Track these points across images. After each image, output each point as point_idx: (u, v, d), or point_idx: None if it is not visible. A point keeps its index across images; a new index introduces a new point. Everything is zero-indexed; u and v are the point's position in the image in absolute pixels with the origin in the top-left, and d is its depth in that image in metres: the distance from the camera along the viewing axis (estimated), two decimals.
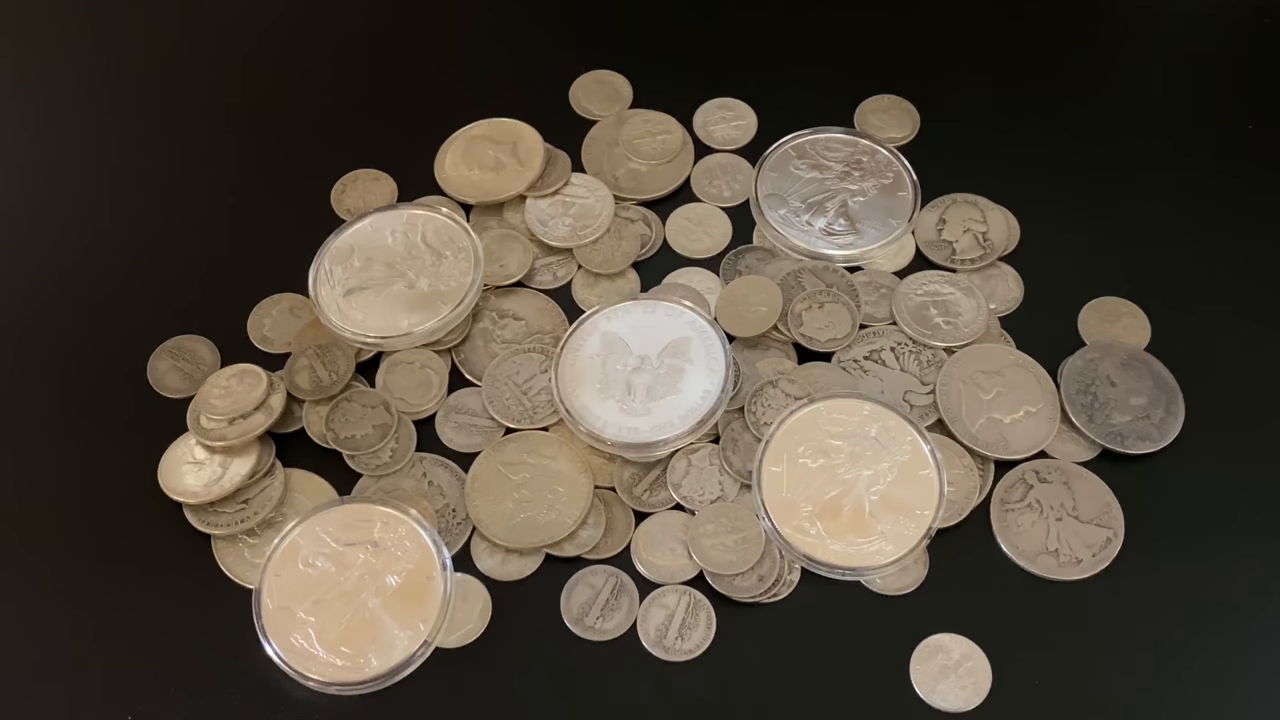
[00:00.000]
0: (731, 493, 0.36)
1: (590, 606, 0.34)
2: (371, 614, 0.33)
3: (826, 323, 0.38)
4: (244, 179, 0.43)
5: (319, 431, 0.37)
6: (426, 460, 0.37)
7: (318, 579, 0.34)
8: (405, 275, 0.39)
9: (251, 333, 0.39)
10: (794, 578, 0.35)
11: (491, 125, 0.43)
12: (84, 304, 0.40)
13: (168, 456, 0.36)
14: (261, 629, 0.33)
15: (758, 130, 0.43)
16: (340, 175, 0.42)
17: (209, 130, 0.44)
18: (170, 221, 0.42)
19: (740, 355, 0.38)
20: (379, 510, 0.35)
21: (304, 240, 0.40)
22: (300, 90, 0.45)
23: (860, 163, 0.41)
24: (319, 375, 0.37)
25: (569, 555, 0.35)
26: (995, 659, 0.33)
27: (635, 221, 0.41)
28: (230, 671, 0.34)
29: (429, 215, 0.40)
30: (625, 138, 0.43)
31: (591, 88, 0.44)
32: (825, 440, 0.36)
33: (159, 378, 0.38)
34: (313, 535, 0.35)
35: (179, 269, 0.41)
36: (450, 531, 0.36)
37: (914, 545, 0.34)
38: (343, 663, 0.33)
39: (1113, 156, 0.42)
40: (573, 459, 0.36)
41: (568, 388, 0.37)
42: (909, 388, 0.37)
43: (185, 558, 0.35)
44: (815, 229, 0.40)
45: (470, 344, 0.39)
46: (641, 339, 0.38)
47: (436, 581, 0.34)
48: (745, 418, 0.37)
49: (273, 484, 0.36)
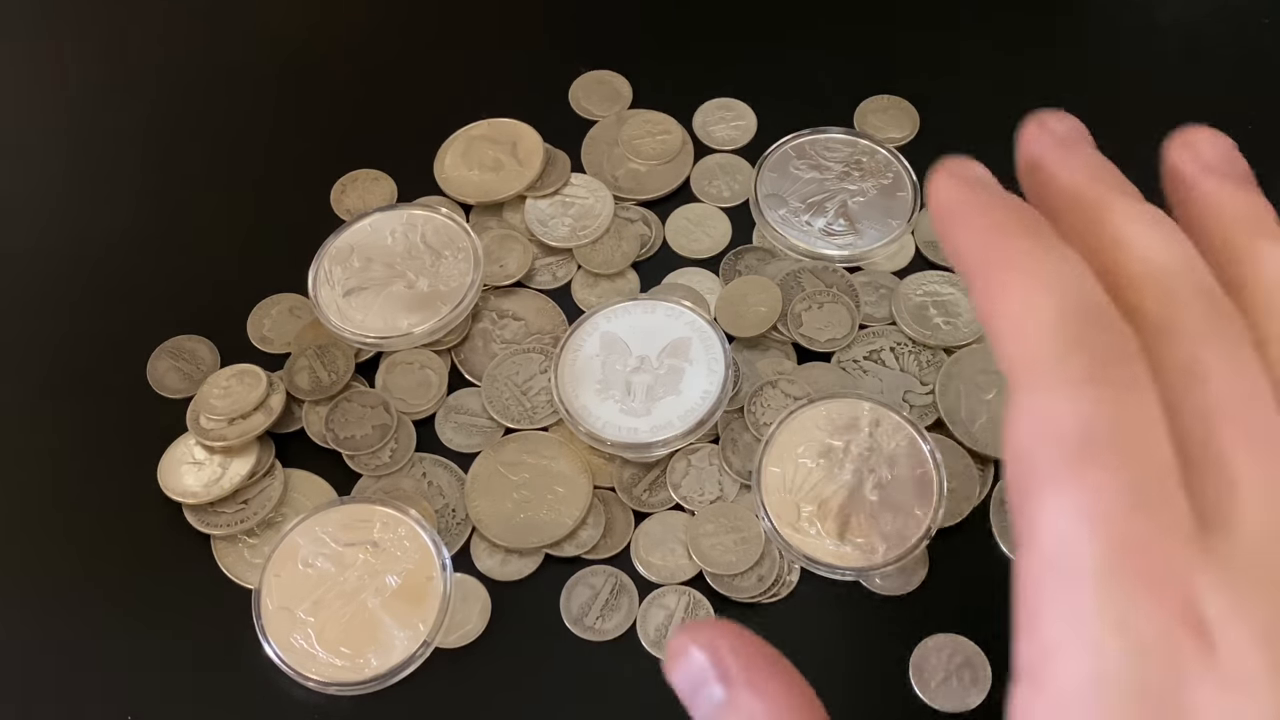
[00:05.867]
0: (731, 493, 0.36)
1: (590, 606, 0.34)
2: (371, 614, 0.33)
3: (826, 323, 0.38)
4: (243, 179, 0.43)
5: (319, 432, 0.37)
6: (426, 460, 0.37)
7: (317, 579, 0.34)
8: (405, 275, 0.39)
9: (251, 333, 0.39)
10: (793, 578, 0.35)
11: (491, 125, 0.43)
12: (83, 304, 0.40)
13: (167, 457, 0.36)
14: (261, 629, 0.33)
15: (758, 130, 0.43)
16: (340, 175, 0.42)
17: (208, 130, 0.44)
18: (170, 222, 0.42)
19: (740, 355, 0.38)
20: (379, 510, 0.35)
21: (304, 240, 0.40)
22: (300, 90, 0.45)
23: (860, 163, 0.41)
24: (319, 375, 0.37)
25: (569, 555, 0.35)
26: (995, 659, 0.33)
27: (635, 222, 0.41)
28: (230, 671, 0.34)
29: (428, 215, 0.40)
30: (625, 138, 0.43)
31: (591, 88, 0.44)
32: (825, 440, 0.36)
33: (159, 378, 0.38)
34: (312, 535, 0.35)
35: (179, 269, 0.41)
36: (450, 532, 0.36)
37: (914, 545, 0.34)
38: (342, 663, 0.33)
39: (1112, 157, 0.42)
40: (572, 459, 0.36)
41: (567, 388, 0.37)
42: (909, 388, 0.37)
43: (185, 558, 0.35)
44: (815, 229, 0.40)
45: (470, 344, 0.39)
46: (641, 339, 0.38)
47: (436, 582, 0.34)
48: (745, 418, 0.37)
49: (272, 484, 0.36)
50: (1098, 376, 0.22)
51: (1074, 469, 0.22)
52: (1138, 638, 0.21)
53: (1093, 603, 0.21)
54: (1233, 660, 0.21)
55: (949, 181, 0.26)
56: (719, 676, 0.25)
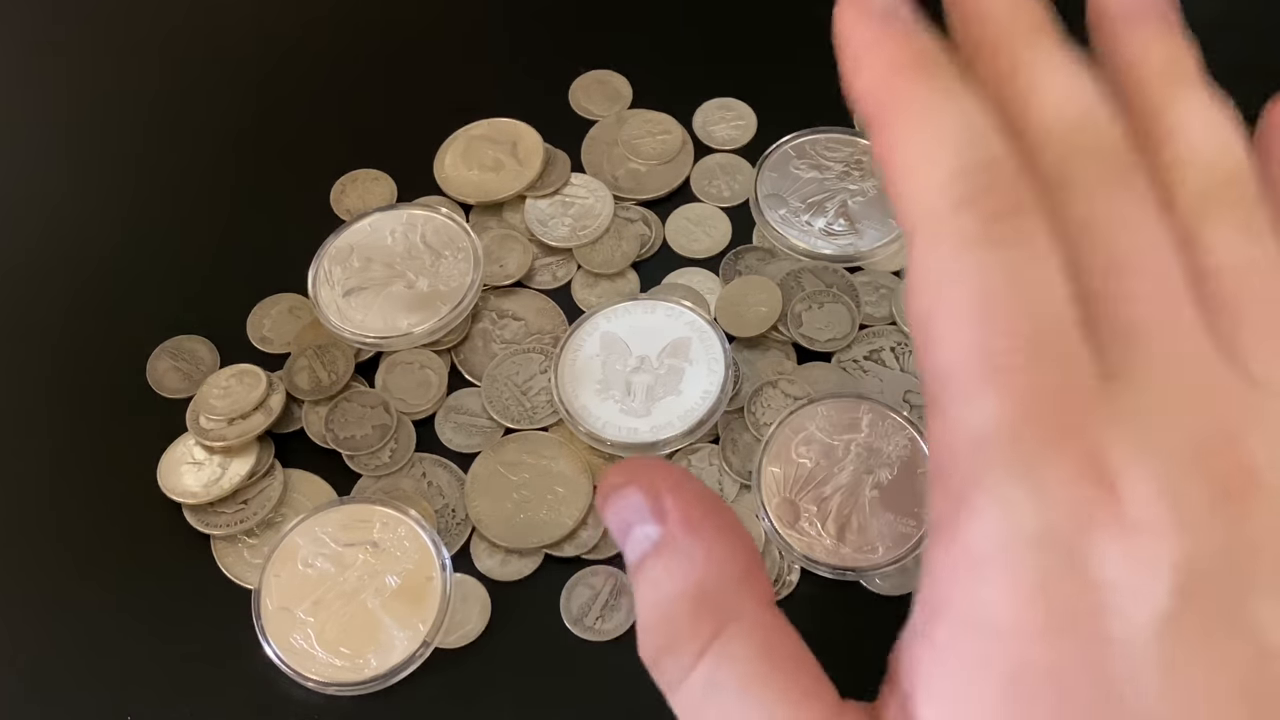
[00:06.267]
0: (731, 493, 0.36)
1: (590, 607, 0.34)
2: (371, 614, 0.33)
3: (826, 323, 0.38)
4: (243, 179, 0.43)
5: (318, 432, 0.37)
6: (426, 460, 0.37)
7: (317, 579, 0.34)
8: (405, 275, 0.39)
9: (251, 333, 0.39)
10: (793, 578, 0.35)
11: (491, 125, 0.43)
12: (83, 304, 0.40)
13: (167, 457, 0.36)
14: (261, 629, 0.33)
15: (758, 130, 0.43)
16: (340, 175, 0.42)
17: (208, 130, 0.44)
18: (169, 221, 0.42)
19: (740, 355, 0.38)
20: (379, 510, 0.35)
21: (304, 240, 0.40)
22: (299, 90, 0.45)
23: (860, 163, 0.41)
24: (318, 375, 0.37)
25: (569, 555, 0.35)
26: None
27: (635, 221, 0.41)
28: (229, 672, 0.34)
29: (428, 215, 0.40)
30: (625, 138, 0.43)
31: (591, 88, 0.44)
32: (825, 440, 0.36)
33: (158, 378, 0.38)
34: (312, 535, 0.35)
35: (178, 269, 0.41)
36: (450, 532, 0.36)
37: (914, 545, 0.34)
38: (342, 663, 0.33)
39: None
40: (573, 459, 0.36)
41: (567, 388, 0.37)
42: (909, 388, 0.37)
43: (184, 558, 0.35)
44: (815, 229, 0.40)
45: (470, 344, 0.39)
46: (641, 339, 0.38)
47: (436, 582, 0.34)
48: (745, 418, 0.37)
49: (272, 484, 0.36)
50: (990, 235, 0.22)
51: (971, 330, 0.22)
52: (1041, 488, 0.21)
53: (997, 456, 0.21)
54: (1136, 507, 0.21)
55: (854, 16, 0.26)
56: (654, 513, 0.24)
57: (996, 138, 0.23)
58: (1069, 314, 0.22)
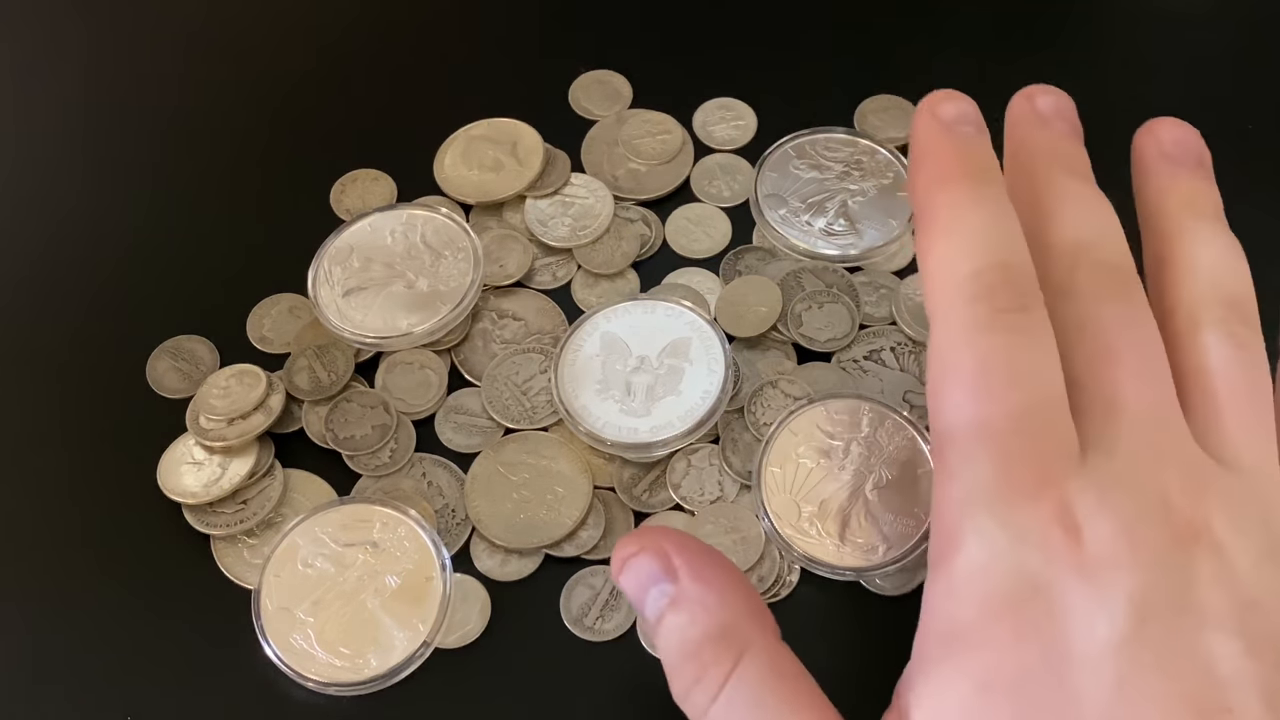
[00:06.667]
0: (731, 493, 0.36)
1: (590, 607, 0.34)
2: (371, 614, 0.33)
3: (826, 323, 0.38)
4: (243, 179, 0.43)
5: (318, 432, 0.37)
6: (426, 460, 0.37)
7: (317, 579, 0.34)
8: (405, 275, 0.39)
9: (251, 333, 0.39)
10: (794, 578, 0.35)
11: (491, 125, 0.43)
12: (82, 304, 0.40)
13: (166, 457, 0.36)
14: (260, 629, 0.33)
15: (758, 130, 0.43)
16: (339, 175, 0.42)
17: (207, 131, 0.44)
18: (169, 221, 0.42)
19: (740, 355, 0.38)
20: (378, 510, 0.35)
21: (303, 240, 0.40)
22: (299, 90, 0.45)
23: (860, 163, 0.41)
24: (318, 375, 0.37)
25: (569, 556, 0.35)
26: None
27: (635, 221, 0.41)
28: (229, 672, 0.34)
29: (428, 215, 0.40)
30: (625, 138, 0.43)
31: (591, 88, 0.44)
32: (825, 440, 0.36)
33: (158, 378, 0.38)
34: (312, 536, 0.34)
35: (178, 269, 0.41)
36: (450, 532, 0.35)
37: (914, 545, 0.34)
38: (342, 663, 0.33)
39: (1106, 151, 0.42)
40: (572, 459, 0.36)
41: (567, 388, 0.37)
42: (909, 388, 0.37)
43: (184, 558, 0.35)
44: (815, 229, 0.40)
45: (470, 344, 0.39)
46: (641, 339, 0.38)
47: (436, 582, 0.34)
48: (745, 418, 0.37)
49: (272, 484, 0.36)
50: (996, 322, 0.27)
51: (971, 398, 0.26)
52: (1017, 530, 0.25)
53: (983, 504, 0.26)
54: (1097, 545, 0.25)
55: (927, 119, 0.30)
56: (666, 573, 0.28)
57: (1016, 245, 0.28)
58: (1057, 392, 0.26)
